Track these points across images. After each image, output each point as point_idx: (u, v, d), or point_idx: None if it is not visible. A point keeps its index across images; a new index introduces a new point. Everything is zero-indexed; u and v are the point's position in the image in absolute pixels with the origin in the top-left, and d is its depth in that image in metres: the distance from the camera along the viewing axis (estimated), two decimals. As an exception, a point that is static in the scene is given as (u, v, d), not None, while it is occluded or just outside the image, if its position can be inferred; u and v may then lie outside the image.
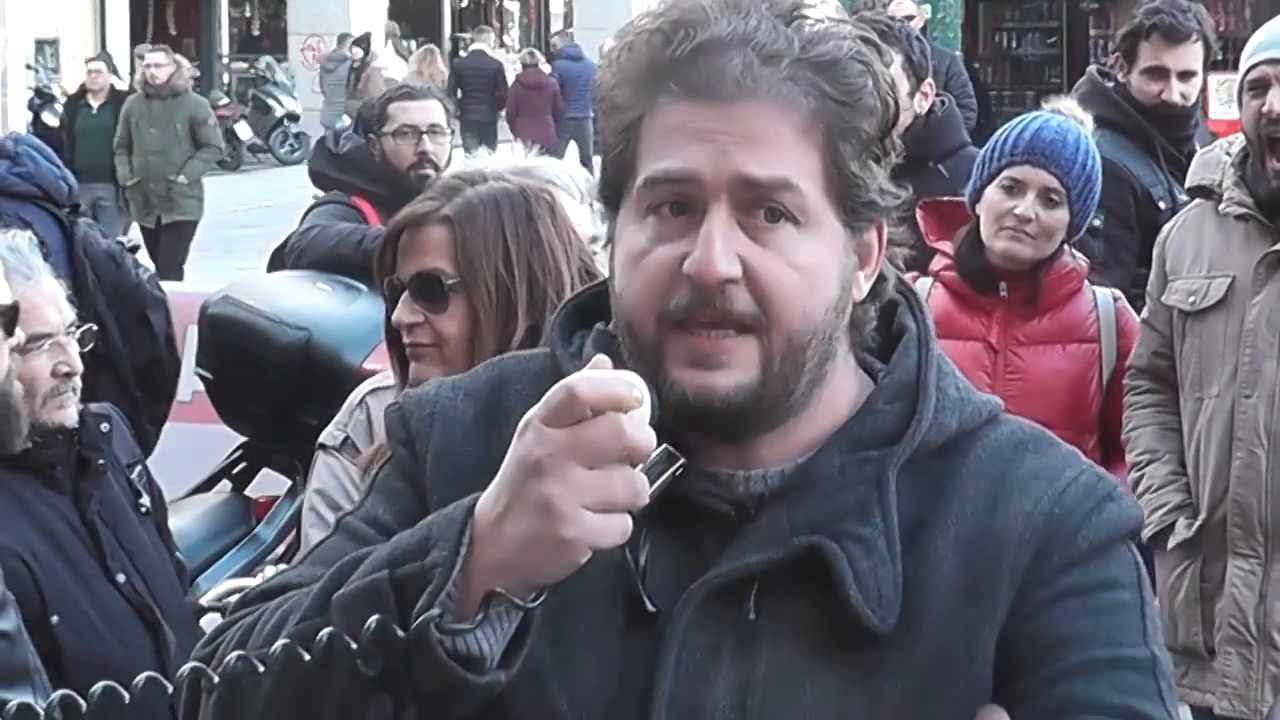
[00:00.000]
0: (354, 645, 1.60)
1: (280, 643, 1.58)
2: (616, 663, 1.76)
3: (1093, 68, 6.63)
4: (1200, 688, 4.56)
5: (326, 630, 1.59)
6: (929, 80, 5.89)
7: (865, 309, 1.84)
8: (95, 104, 20.14)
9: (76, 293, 5.46)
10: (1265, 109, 4.45)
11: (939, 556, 1.76)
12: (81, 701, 1.39)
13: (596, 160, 1.99)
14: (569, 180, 3.86)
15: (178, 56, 18.71)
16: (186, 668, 1.50)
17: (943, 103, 6.04)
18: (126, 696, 1.41)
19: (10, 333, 3.57)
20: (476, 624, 1.63)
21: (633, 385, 1.62)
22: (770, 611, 1.75)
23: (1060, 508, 1.78)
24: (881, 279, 1.85)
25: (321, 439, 3.68)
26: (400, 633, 1.61)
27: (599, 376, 1.62)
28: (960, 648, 1.74)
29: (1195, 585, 4.57)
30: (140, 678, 1.45)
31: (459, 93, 24.10)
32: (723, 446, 1.80)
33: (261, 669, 1.56)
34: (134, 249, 6.09)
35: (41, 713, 1.41)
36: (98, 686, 1.40)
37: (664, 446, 1.72)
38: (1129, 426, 4.70)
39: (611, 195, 1.82)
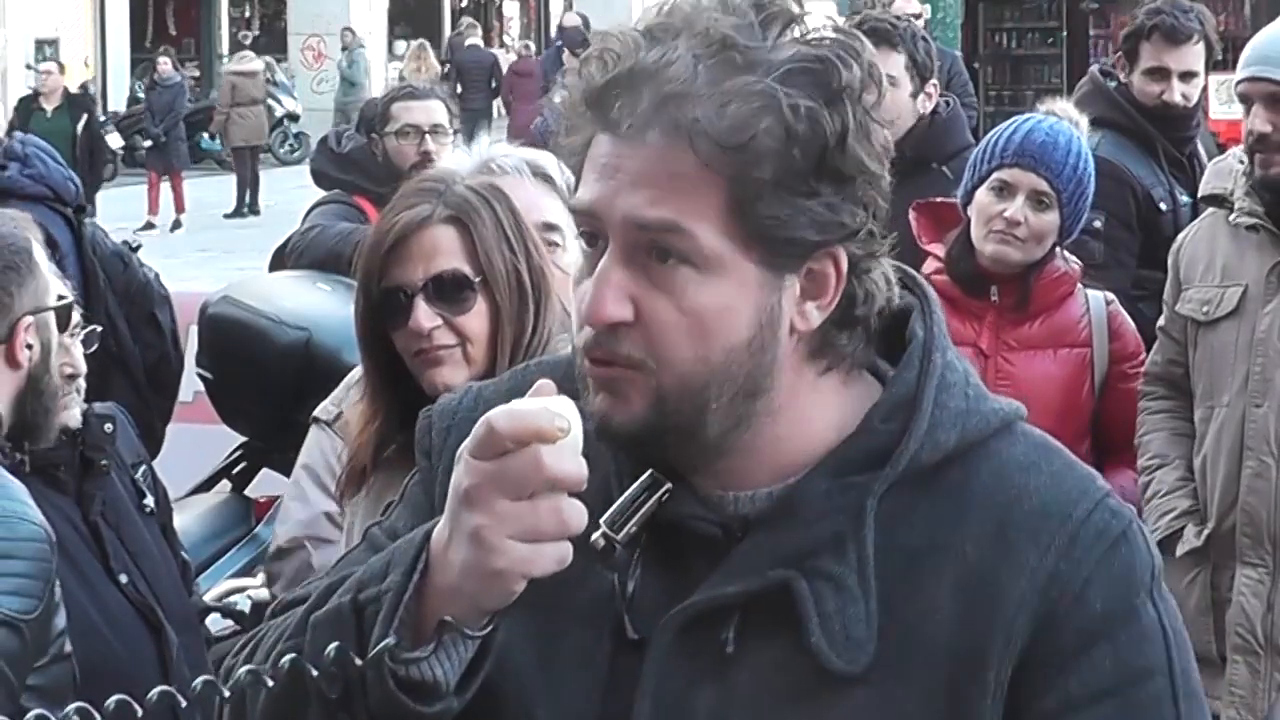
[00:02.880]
0: (314, 672, 1.63)
1: (243, 669, 1.61)
2: (601, 688, 1.76)
3: (1094, 67, 6.61)
4: (1212, 694, 4.54)
5: (287, 657, 1.63)
6: (933, 81, 5.85)
7: (832, 334, 1.77)
8: (49, 107, 19.77)
9: (88, 293, 5.47)
10: (1247, 127, 4.48)
11: (932, 599, 1.72)
12: (97, 715, 1.40)
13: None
14: (521, 164, 3.81)
15: None
16: (199, 682, 1.53)
17: (947, 104, 6.01)
18: (140, 711, 1.43)
19: (64, 328, 3.60)
20: (429, 652, 1.65)
21: (558, 415, 1.62)
22: (749, 643, 1.73)
23: (1067, 562, 1.72)
24: (872, 301, 1.78)
25: (316, 413, 3.73)
26: (358, 661, 1.63)
27: (520, 409, 1.63)
28: (946, 700, 1.70)
29: (1206, 593, 4.56)
30: (154, 692, 1.46)
31: (458, 85, 25.27)
32: (707, 473, 1.77)
33: (226, 694, 1.58)
34: (136, 248, 6.09)
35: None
36: (112, 701, 1.42)
37: (650, 472, 1.74)
38: (1141, 432, 4.69)
39: None
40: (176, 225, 22.49)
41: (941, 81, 6.74)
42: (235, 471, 6.18)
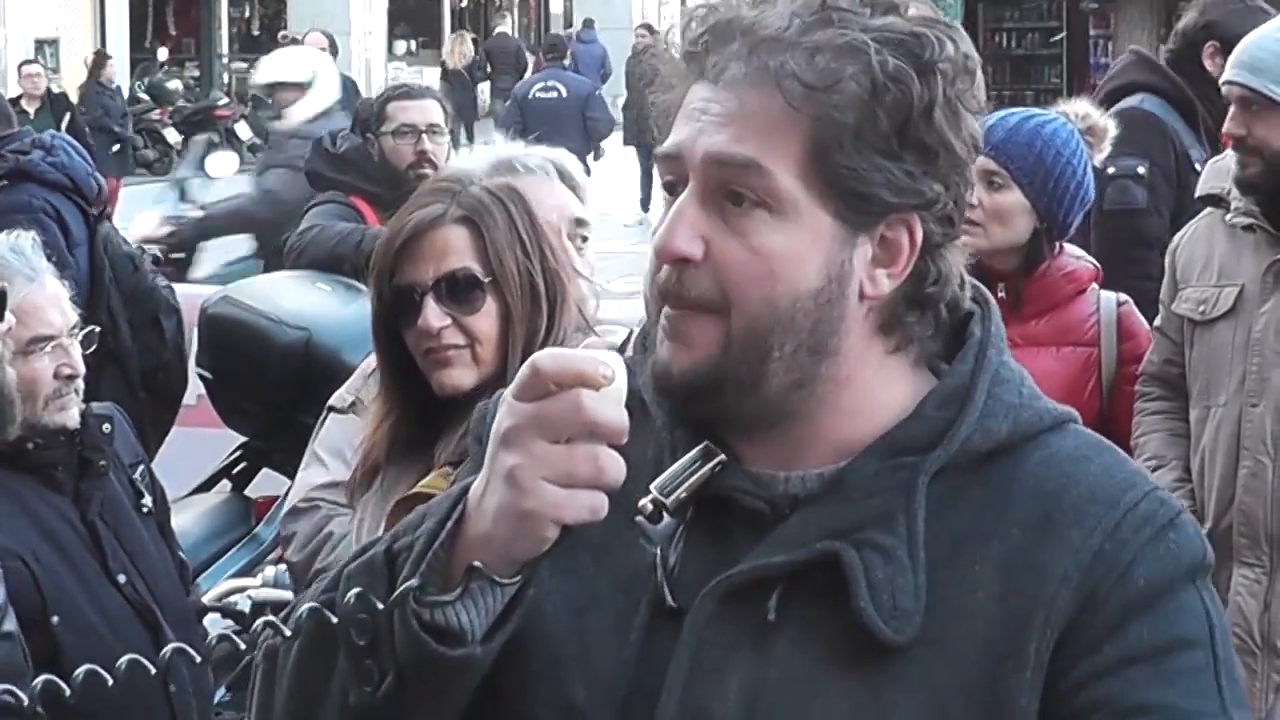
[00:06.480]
0: (333, 618, 1.63)
1: (261, 620, 1.62)
2: (636, 655, 1.76)
3: (1133, 46, 6.70)
4: None
5: (306, 606, 1.63)
6: None
7: (901, 310, 1.80)
8: (31, 109, 19.40)
9: (92, 287, 5.52)
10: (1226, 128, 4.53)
11: (977, 578, 1.73)
12: (65, 687, 1.42)
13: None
14: (546, 163, 3.82)
15: None
16: (169, 649, 1.54)
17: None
18: (110, 680, 1.44)
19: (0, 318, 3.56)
20: (455, 597, 1.65)
21: (603, 364, 1.63)
22: (791, 614, 1.74)
23: (1112, 543, 1.72)
24: (944, 283, 1.82)
25: (331, 402, 3.75)
26: (379, 604, 1.64)
27: (566, 353, 1.65)
28: (984, 676, 1.71)
29: None
30: (123, 660, 1.47)
31: (489, 67, 29.88)
32: (762, 447, 1.79)
33: (243, 646, 1.60)
34: (155, 259, 6.16)
35: (37, 688, 1.45)
36: (80, 671, 1.43)
37: (704, 443, 1.75)
38: (1137, 433, 4.68)
39: None
40: None
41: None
42: (235, 471, 6.19)
